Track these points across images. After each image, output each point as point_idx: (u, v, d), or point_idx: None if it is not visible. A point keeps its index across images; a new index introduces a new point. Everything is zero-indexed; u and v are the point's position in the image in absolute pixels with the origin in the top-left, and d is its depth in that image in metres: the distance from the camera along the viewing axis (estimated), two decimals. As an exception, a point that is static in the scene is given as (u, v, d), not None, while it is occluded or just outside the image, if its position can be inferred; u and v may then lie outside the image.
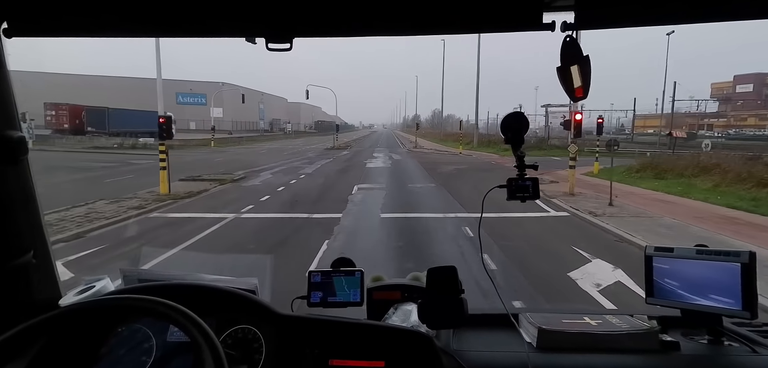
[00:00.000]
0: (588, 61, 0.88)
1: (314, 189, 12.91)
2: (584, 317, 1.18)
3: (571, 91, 0.89)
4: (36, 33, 0.92)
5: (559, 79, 0.89)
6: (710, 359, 1.08)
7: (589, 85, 0.88)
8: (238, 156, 25.91)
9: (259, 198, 11.07)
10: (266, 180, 14.92)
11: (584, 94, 0.89)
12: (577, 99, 0.95)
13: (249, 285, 1.15)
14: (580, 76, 0.88)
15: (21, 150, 0.95)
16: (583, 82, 0.88)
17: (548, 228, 8.22)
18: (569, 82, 0.89)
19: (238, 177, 15.15)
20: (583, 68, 0.88)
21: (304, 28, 0.90)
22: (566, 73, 0.88)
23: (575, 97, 0.90)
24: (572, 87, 0.89)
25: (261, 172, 17.20)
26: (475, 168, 19.55)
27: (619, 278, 5.36)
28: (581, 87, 0.88)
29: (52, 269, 1.08)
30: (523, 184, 1.04)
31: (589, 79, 0.88)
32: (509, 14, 0.86)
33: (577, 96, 0.89)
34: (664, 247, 1.19)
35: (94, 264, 5.73)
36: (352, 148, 36.52)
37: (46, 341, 0.82)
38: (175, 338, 1.00)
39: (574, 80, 0.88)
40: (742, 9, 0.84)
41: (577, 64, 0.88)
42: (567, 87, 0.89)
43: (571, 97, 0.91)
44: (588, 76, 0.88)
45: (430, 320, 1.04)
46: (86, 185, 13.38)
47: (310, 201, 10.81)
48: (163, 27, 0.93)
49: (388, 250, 6.64)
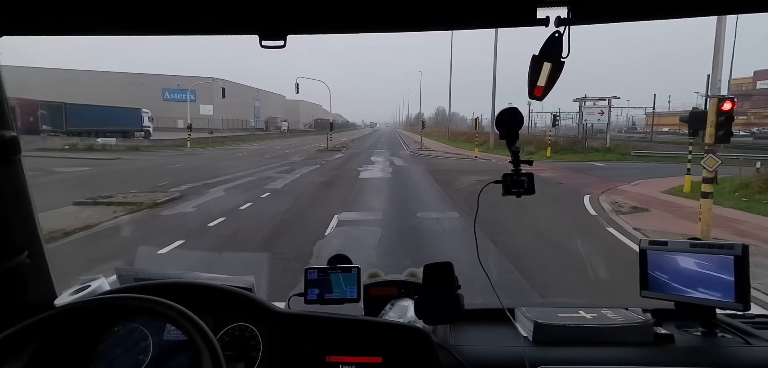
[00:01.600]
0: (561, 67, 0.86)
1: (268, 224, 8.10)
2: (579, 310, 1.20)
3: (532, 87, 0.88)
4: (27, 32, 0.93)
5: (529, 68, 0.87)
6: (704, 351, 1.09)
7: (551, 89, 0.88)
8: (205, 161, 21.35)
9: (162, 245, 6.33)
10: (206, 204, 10.13)
11: (542, 96, 0.88)
12: (534, 98, 0.90)
13: (245, 283, 1.14)
14: (548, 77, 0.86)
15: (13, 149, 0.94)
16: (547, 83, 0.87)
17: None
18: (535, 76, 0.87)
19: (168, 198, 10.37)
20: (554, 70, 0.86)
21: (297, 25, 0.89)
22: (537, 66, 0.86)
23: (534, 95, 0.88)
24: (535, 83, 0.87)
25: (213, 187, 12.42)
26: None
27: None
28: (543, 88, 0.87)
29: (46, 269, 1.07)
30: (519, 179, 1.05)
31: (553, 84, 0.87)
32: (503, 9, 0.86)
33: (536, 95, 0.88)
34: (658, 241, 1.22)
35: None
36: (347, 150, 31.55)
37: (42, 341, 0.82)
38: (172, 337, 0.99)
39: (540, 77, 0.87)
40: (735, 3, 0.85)
41: (551, 64, 0.86)
42: (531, 80, 0.88)
43: (530, 92, 0.89)
44: (553, 81, 0.87)
45: (426, 316, 1.04)
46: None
47: (241, 263, 5.99)
48: (155, 25, 0.92)
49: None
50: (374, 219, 8.36)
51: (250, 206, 9.79)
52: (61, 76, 47.05)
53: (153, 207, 9.42)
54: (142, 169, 17.46)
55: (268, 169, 17.69)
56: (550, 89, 0.88)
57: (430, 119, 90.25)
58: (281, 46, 0.88)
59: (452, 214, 8.95)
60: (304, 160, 22.28)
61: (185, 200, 10.40)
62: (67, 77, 47.26)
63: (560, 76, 0.87)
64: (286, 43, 0.87)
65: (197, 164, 19.59)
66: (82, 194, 10.06)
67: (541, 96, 0.88)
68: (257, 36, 0.86)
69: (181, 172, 16.22)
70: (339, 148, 32.61)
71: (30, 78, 35.11)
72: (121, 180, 13.62)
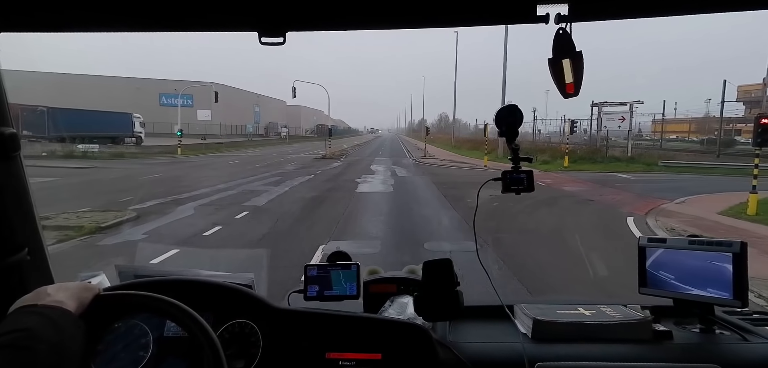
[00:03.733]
0: (581, 57, 0.85)
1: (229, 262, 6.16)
2: (578, 307, 1.20)
3: (562, 87, 0.87)
4: (26, 28, 0.91)
5: (551, 72, 0.87)
6: (702, 347, 1.10)
7: (581, 81, 0.86)
8: (190, 170, 19.61)
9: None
10: (163, 228, 8.24)
11: (575, 91, 0.87)
12: (568, 95, 0.88)
13: (245, 280, 1.15)
14: (572, 71, 0.86)
15: (13, 146, 0.94)
16: (575, 77, 0.86)
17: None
18: (560, 76, 0.86)
19: (119, 219, 8.48)
20: (575, 63, 0.85)
21: (296, 22, 0.88)
22: (557, 66, 0.86)
23: (566, 92, 0.87)
24: (563, 82, 0.87)
25: (184, 203, 10.53)
26: (536, 200, 10.79)
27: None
28: (572, 83, 0.86)
29: (47, 266, 1.07)
30: (518, 176, 1.06)
31: (581, 76, 0.86)
32: (503, 6, 0.86)
33: (568, 92, 0.87)
34: (657, 238, 1.23)
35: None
36: (347, 157, 29.60)
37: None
38: (172, 333, 0.99)
39: (565, 75, 0.86)
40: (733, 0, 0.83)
41: (569, 58, 0.85)
42: (558, 81, 0.87)
43: (562, 92, 0.88)
44: (580, 72, 0.86)
45: (426, 312, 1.06)
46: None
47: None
48: (154, 21, 0.91)
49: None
50: (369, 254, 6.42)
51: (217, 232, 7.89)
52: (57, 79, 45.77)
53: (94, 233, 7.52)
54: (114, 179, 15.66)
55: (256, 180, 15.81)
56: (580, 83, 0.86)
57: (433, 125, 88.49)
58: (281, 42, 0.87)
59: (470, 246, 6.94)
60: (299, 169, 20.40)
61: (140, 222, 8.51)
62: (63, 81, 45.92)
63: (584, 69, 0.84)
64: (285, 40, 0.87)
65: (178, 174, 17.77)
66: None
67: (574, 92, 0.87)
68: (256, 33, 0.86)
69: (157, 183, 14.42)
70: (338, 155, 30.64)
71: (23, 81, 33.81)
72: (79, 194, 11.84)
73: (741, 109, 63.44)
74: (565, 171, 20.05)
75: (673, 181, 17.13)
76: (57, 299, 0.68)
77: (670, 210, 10.26)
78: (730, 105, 51.35)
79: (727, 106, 43.05)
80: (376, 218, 9.22)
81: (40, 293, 0.70)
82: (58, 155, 23.15)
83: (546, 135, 52.17)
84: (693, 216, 9.55)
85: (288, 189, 13.58)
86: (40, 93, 32.56)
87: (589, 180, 16.89)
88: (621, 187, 14.98)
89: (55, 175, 15.40)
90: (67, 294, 0.71)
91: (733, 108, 53.54)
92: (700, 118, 64.13)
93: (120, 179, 15.71)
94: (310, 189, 13.58)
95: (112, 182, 14.95)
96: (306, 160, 26.19)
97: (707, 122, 61.19)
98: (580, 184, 15.39)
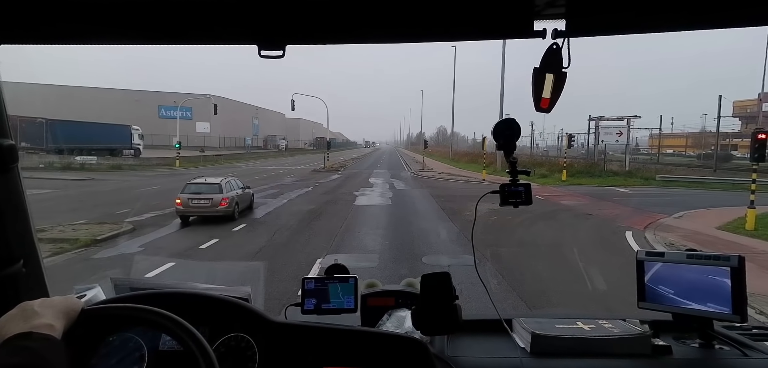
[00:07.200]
0: (564, 77, 0.85)
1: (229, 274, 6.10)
2: (577, 322, 1.18)
3: (538, 99, 0.87)
4: (27, 40, 0.92)
5: (532, 81, 0.86)
6: (702, 363, 1.09)
7: (557, 100, 0.87)
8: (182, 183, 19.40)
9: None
10: (160, 240, 8.19)
11: (549, 108, 0.87)
12: (541, 110, 0.88)
13: (242, 293, 1.14)
14: (552, 88, 0.85)
15: (11, 157, 0.94)
16: (552, 95, 0.86)
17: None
18: (540, 89, 0.86)
19: (115, 232, 8.43)
20: (557, 81, 0.85)
21: (295, 36, 0.89)
22: (540, 78, 0.85)
23: (540, 106, 0.87)
24: (540, 95, 0.86)
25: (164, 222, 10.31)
26: (535, 213, 10.77)
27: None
28: (548, 99, 0.86)
29: (42, 278, 1.05)
30: (516, 190, 1.05)
31: (558, 95, 0.86)
32: (499, 21, 0.86)
33: (542, 107, 0.87)
34: (655, 251, 1.23)
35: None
36: (345, 170, 29.64)
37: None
38: (167, 347, 0.98)
39: (544, 89, 0.86)
40: (736, 16, 0.82)
41: (553, 75, 0.85)
42: (535, 93, 0.87)
43: (536, 105, 0.88)
44: (558, 92, 0.86)
45: (424, 326, 1.04)
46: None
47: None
48: (155, 34, 0.92)
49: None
50: (367, 268, 6.37)
51: (214, 244, 7.84)
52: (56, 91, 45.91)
53: (89, 246, 7.47)
54: (111, 191, 15.60)
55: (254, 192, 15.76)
56: (555, 101, 0.86)
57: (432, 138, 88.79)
58: (280, 56, 0.88)
59: (467, 259, 6.91)
60: (296, 182, 20.36)
61: (136, 235, 8.46)
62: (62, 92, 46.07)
63: (564, 88, 0.85)
64: (284, 53, 0.88)
65: (176, 186, 17.65)
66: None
67: (547, 108, 0.87)
68: (256, 46, 0.87)
69: (154, 195, 14.35)
70: (337, 168, 30.67)
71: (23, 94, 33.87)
72: (76, 206, 11.74)
73: (737, 124, 63.95)
74: (563, 184, 20.10)
75: (670, 195, 17.17)
76: (44, 322, 0.65)
77: (668, 224, 10.27)
78: (726, 120, 51.52)
79: (723, 121, 43.35)
80: (374, 231, 9.18)
81: (25, 309, 0.67)
82: (56, 167, 23.12)
83: (544, 149, 52.29)
84: (691, 230, 9.56)
85: (286, 202, 13.55)
86: (39, 104, 32.62)
87: (587, 194, 16.91)
88: (619, 201, 15.00)
89: (52, 187, 15.30)
90: (54, 313, 0.68)
91: (729, 123, 53.76)
92: (697, 132, 64.52)
93: (117, 191, 15.66)
94: (308, 202, 13.55)
95: (109, 194, 14.89)
96: (304, 172, 26.18)
97: (703, 137, 61.57)
98: (578, 198, 15.40)
